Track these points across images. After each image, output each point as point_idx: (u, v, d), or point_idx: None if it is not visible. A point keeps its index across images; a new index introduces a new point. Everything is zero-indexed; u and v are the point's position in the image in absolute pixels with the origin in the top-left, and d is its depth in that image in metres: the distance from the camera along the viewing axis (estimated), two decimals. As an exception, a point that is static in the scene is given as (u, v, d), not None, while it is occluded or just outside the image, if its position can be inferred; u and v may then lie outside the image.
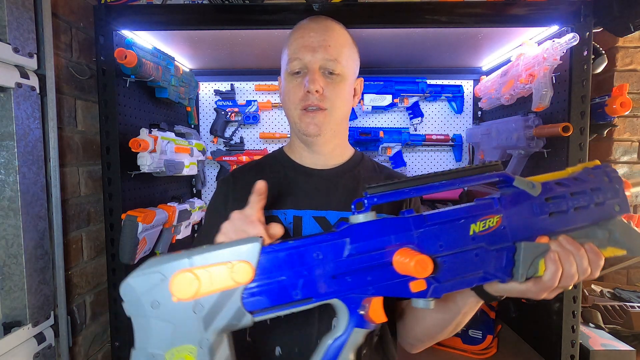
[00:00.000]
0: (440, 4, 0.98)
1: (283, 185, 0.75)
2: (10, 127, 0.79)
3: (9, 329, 0.79)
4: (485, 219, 0.47)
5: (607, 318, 1.22)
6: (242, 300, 0.41)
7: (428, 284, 0.45)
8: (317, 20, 0.74)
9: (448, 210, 0.47)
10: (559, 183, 0.49)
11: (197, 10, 1.00)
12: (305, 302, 0.43)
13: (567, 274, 0.47)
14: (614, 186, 0.49)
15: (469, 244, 0.47)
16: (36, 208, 0.85)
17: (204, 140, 1.61)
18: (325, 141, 0.74)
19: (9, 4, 0.78)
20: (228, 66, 1.51)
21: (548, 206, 0.48)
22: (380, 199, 0.45)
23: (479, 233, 0.47)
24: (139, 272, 0.39)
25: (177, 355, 0.39)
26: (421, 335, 0.71)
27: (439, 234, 0.46)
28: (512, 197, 0.48)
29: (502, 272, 0.48)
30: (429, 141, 1.58)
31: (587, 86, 0.97)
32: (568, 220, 0.49)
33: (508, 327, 1.32)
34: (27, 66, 0.83)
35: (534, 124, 1.11)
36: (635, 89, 1.44)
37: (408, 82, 1.55)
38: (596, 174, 0.49)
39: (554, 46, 0.96)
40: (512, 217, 0.48)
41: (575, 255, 0.47)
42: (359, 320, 0.45)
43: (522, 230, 0.48)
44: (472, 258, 0.47)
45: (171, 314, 0.39)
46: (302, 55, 0.70)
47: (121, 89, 1.05)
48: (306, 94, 0.69)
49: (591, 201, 0.49)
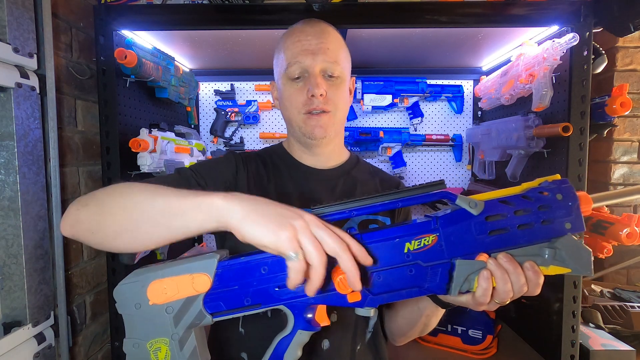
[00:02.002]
0: (440, 4, 0.98)
1: (287, 182, 0.76)
2: (10, 127, 0.79)
3: (9, 329, 0.79)
4: (420, 237, 0.50)
5: (607, 318, 1.22)
6: (203, 304, 0.50)
7: (363, 295, 0.50)
8: (312, 23, 0.74)
9: (385, 229, 0.51)
10: (505, 201, 0.49)
11: (197, 10, 1.00)
12: (255, 307, 0.51)
13: (500, 291, 0.49)
14: (566, 204, 0.48)
15: (404, 261, 0.50)
16: (36, 208, 0.85)
17: (204, 140, 1.61)
18: (328, 142, 0.76)
19: (9, 4, 0.78)
20: (228, 66, 1.51)
21: (488, 225, 0.49)
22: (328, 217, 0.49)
23: (413, 251, 0.50)
24: (127, 280, 0.50)
25: (155, 345, 0.50)
26: (396, 331, 0.77)
27: (375, 252, 0.50)
28: (450, 217, 0.50)
29: (437, 287, 0.50)
30: (429, 141, 1.58)
31: (587, 86, 0.97)
32: (510, 238, 0.49)
33: (508, 327, 1.32)
34: (27, 66, 0.83)
35: (534, 124, 1.11)
36: (635, 89, 1.44)
37: (408, 82, 1.55)
38: (550, 190, 0.49)
39: (554, 46, 0.96)
40: (450, 235, 0.50)
41: (510, 274, 0.48)
42: (303, 324, 0.51)
43: (461, 248, 0.49)
44: (407, 274, 0.50)
45: (149, 313, 0.49)
46: (302, 59, 0.70)
47: (121, 89, 1.05)
48: (310, 98, 0.70)
49: (537, 220, 0.48)
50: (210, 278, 0.49)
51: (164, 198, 0.47)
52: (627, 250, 1.36)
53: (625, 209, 1.47)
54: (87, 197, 0.53)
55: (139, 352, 0.50)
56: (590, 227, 1.03)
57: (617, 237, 0.95)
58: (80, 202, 0.53)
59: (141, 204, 0.48)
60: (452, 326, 1.19)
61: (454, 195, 0.49)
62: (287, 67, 0.72)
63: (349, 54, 0.78)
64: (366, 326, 0.74)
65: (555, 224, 0.48)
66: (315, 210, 0.50)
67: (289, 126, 0.78)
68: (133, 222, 0.48)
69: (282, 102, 0.77)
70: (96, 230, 0.51)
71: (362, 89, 1.55)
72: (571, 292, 1.00)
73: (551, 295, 1.05)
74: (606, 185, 1.47)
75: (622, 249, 1.24)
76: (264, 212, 0.45)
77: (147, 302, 0.49)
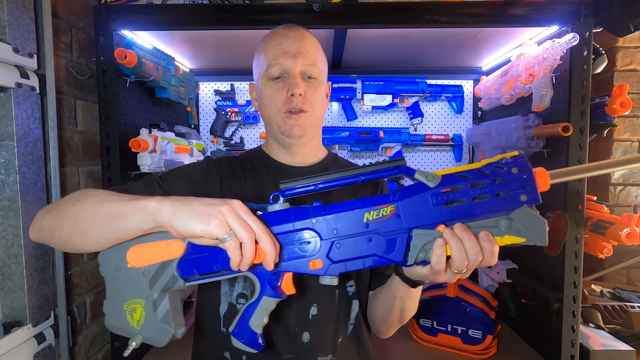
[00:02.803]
0: (440, 4, 0.98)
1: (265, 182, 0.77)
2: (10, 127, 0.79)
3: (9, 329, 0.79)
4: (379, 208, 0.52)
5: (607, 318, 1.22)
6: (177, 269, 0.53)
7: (324, 263, 0.53)
8: (291, 27, 0.78)
9: (345, 202, 0.54)
10: (462, 175, 0.51)
11: (197, 10, 1.00)
12: (224, 274, 0.54)
13: (455, 259, 0.51)
14: (521, 177, 0.50)
15: (363, 231, 0.53)
16: (36, 208, 0.85)
17: (204, 140, 1.61)
18: (306, 142, 0.79)
19: (9, 4, 0.78)
20: (228, 66, 1.51)
21: (445, 196, 0.51)
22: (293, 191, 0.53)
23: (372, 221, 0.53)
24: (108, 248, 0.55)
25: (131, 306, 0.54)
26: (377, 320, 0.78)
27: (336, 221, 0.53)
28: (408, 189, 0.53)
29: (395, 256, 0.53)
30: (429, 141, 1.58)
31: (587, 86, 0.97)
32: (467, 210, 0.51)
33: (508, 327, 1.32)
34: (27, 66, 0.83)
35: (534, 124, 1.11)
36: (635, 89, 1.44)
37: (408, 82, 1.55)
38: (506, 165, 0.50)
39: (554, 46, 0.97)
40: (408, 206, 0.52)
41: (465, 242, 0.50)
42: (268, 291, 0.55)
43: (419, 218, 0.52)
44: (366, 242, 0.53)
45: (127, 275, 0.54)
46: (282, 60, 0.74)
47: (121, 89, 1.05)
48: (289, 97, 0.73)
49: (493, 192, 0.50)
50: (184, 244, 0.53)
51: (110, 204, 0.53)
52: (627, 250, 1.37)
53: (625, 209, 1.47)
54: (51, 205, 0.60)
55: (116, 312, 0.54)
56: (590, 227, 1.03)
57: (617, 237, 0.95)
58: (44, 210, 0.60)
59: (90, 210, 0.54)
60: (452, 326, 1.19)
61: (413, 170, 0.52)
62: (267, 67, 0.75)
63: (325, 59, 0.81)
64: (348, 318, 0.76)
65: (511, 196, 0.50)
66: (284, 184, 0.53)
67: (268, 125, 0.80)
68: (83, 226, 0.53)
69: (261, 102, 0.79)
70: (55, 232, 0.57)
71: (362, 89, 1.55)
72: (571, 292, 1.00)
73: (551, 295, 1.05)
74: (606, 185, 1.47)
75: (622, 249, 1.24)
76: (193, 206, 0.49)
77: (126, 265, 0.53)
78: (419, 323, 1.24)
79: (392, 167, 0.52)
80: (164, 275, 0.53)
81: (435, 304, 1.21)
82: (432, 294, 1.24)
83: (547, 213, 1.05)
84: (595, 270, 1.44)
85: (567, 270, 1.00)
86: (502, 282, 1.25)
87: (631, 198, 1.47)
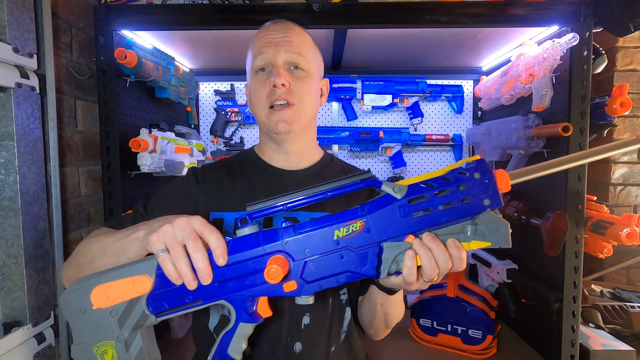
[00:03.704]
0: (440, 4, 0.98)
1: (253, 186, 0.75)
2: (10, 127, 0.79)
3: (9, 329, 0.79)
4: (348, 224, 0.52)
5: (607, 318, 1.22)
6: (146, 305, 0.52)
7: (299, 284, 0.53)
8: (278, 21, 0.76)
9: (314, 221, 0.54)
10: (427, 184, 0.52)
11: (197, 10, 1.00)
12: (197, 304, 0.53)
13: (426, 268, 0.51)
14: (483, 181, 0.50)
15: (334, 248, 0.53)
16: (36, 208, 0.85)
17: (204, 140, 1.61)
18: (295, 138, 0.75)
19: (9, 4, 0.78)
20: (228, 66, 1.51)
21: (412, 207, 0.51)
22: (260, 213, 0.53)
23: (342, 238, 0.52)
24: (72, 287, 0.52)
25: (101, 348, 0.52)
26: (365, 325, 0.77)
27: (306, 241, 0.53)
28: (376, 202, 0.53)
29: (368, 270, 0.53)
30: (429, 141, 1.58)
31: (587, 86, 0.97)
32: (434, 218, 0.51)
33: (508, 327, 1.32)
34: (27, 66, 0.83)
35: (534, 124, 1.11)
36: (635, 89, 1.44)
37: (408, 82, 1.55)
38: (469, 170, 0.51)
39: (554, 46, 0.96)
40: (377, 220, 0.52)
41: (434, 251, 0.50)
42: (244, 316, 0.54)
43: (388, 231, 0.52)
44: (338, 260, 0.53)
45: (94, 318, 0.52)
46: (265, 50, 0.71)
47: (121, 89, 1.05)
48: (272, 89, 0.70)
49: (457, 199, 0.50)
50: (151, 279, 0.51)
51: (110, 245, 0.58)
52: (627, 250, 1.37)
53: (625, 209, 1.47)
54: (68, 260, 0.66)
55: (86, 357, 0.52)
56: (590, 227, 1.03)
57: (617, 237, 0.95)
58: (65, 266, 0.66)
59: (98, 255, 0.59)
60: (452, 326, 1.19)
61: (379, 182, 0.52)
62: (252, 60, 0.73)
63: (319, 54, 0.78)
64: (341, 327, 0.74)
65: (475, 202, 0.50)
66: (250, 207, 0.53)
67: (258, 122, 0.78)
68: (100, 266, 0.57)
69: (250, 99, 0.77)
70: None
71: (362, 89, 1.55)
72: (571, 292, 1.00)
73: (551, 295, 1.05)
74: (606, 185, 1.47)
75: (622, 249, 1.24)
76: (151, 225, 0.53)
77: (92, 307, 0.51)
78: (419, 323, 1.24)
79: (359, 180, 0.52)
80: (133, 313, 0.52)
81: (435, 304, 1.21)
82: (432, 294, 1.24)
83: (547, 213, 1.05)
84: (595, 270, 1.44)
85: (567, 270, 1.00)
86: (502, 282, 1.25)
87: (631, 198, 1.47)
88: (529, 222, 1.13)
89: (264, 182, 0.76)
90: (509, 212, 1.23)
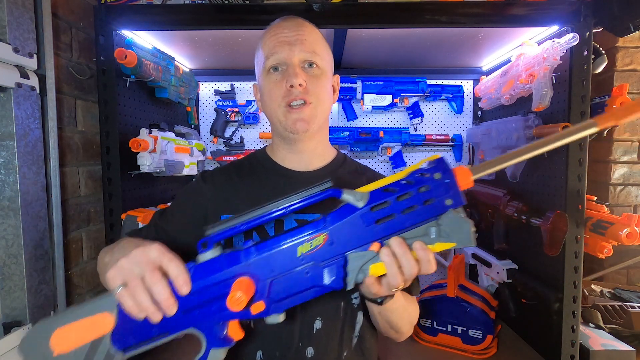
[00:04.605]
0: (440, 4, 0.98)
1: (264, 188, 0.74)
2: (10, 127, 0.79)
3: (9, 329, 0.79)
4: (311, 239, 0.51)
5: (607, 318, 1.22)
6: (111, 342, 0.49)
7: (267, 304, 0.51)
8: (288, 18, 0.74)
9: (277, 237, 0.52)
10: (388, 189, 0.50)
11: (197, 10, 1.00)
12: (164, 336, 0.51)
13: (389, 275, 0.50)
14: (444, 182, 0.49)
15: (298, 265, 0.51)
16: (36, 208, 0.85)
17: (204, 140, 1.61)
18: (311, 137, 0.74)
19: (9, 4, 0.78)
20: (228, 66, 1.51)
21: (374, 214, 0.50)
22: (221, 235, 0.52)
23: (306, 253, 0.51)
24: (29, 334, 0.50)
25: None
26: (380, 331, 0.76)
27: (269, 261, 0.51)
28: (338, 213, 0.51)
29: (335, 283, 0.51)
30: (429, 141, 1.58)
31: (587, 86, 0.97)
32: (397, 223, 0.50)
33: (508, 327, 1.32)
34: (27, 66, 0.83)
35: (534, 124, 1.11)
36: (635, 89, 1.44)
37: (408, 82, 1.55)
38: (429, 171, 0.50)
39: (554, 46, 0.96)
40: (339, 231, 0.51)
41: (400, 257, 0.50)
42: (215, 342, 0.52)
43: (352, 241, 0.51)
44: (304, 276, 0.51)
45: None
46: (279, 50, 0.69)
47: (121, 89, 1.05)
48: (289, 89, 0.69)
49: (419, 201, 0.49)
50: (113, 315, 0.49)
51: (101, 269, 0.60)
52: (627, 250, 1.37)
53: (625, 209, 1.47)
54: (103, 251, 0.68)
55: None
56: (590, 227, 1.03)
57: (617, 237, 0.95)
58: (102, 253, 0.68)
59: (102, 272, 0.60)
60: (452, 326, 1.19)
61: (339, 191, 0.51)
62: (265, 60, 0.71)
63: (329, 51, 0.77)
64: (353, 331, 0.72)
65: (437, 203, 0.49)
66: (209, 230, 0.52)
67: (271, 124, 0.76)
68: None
69: (262, 100, 0.76)
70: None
71: (362, 89, 1.55)
72: (571, 292, 1.00)
73: (551, 295, 1.05)
74: (606, 185, 1.47)
75: (622, 249, 1.24)
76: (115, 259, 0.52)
77: (52, 355, 0.48)
78: (419, 323, 1.24)
79: (318, 192, 0.51)
80: (97, 354, 0.49)
81: (435, 304, 1.21)
82: (432, 294, 1.24)
83: (547, 213, 1.05)
84: (595, 270, 1.44)
85: (567, 270, 1.00)
86: (502, 282, 1.25)
87: (631, 198, 1.47)
88: (529, 222, 1.13)
89: (274, 183, 0.75)
90: (509, 212, 1.23)
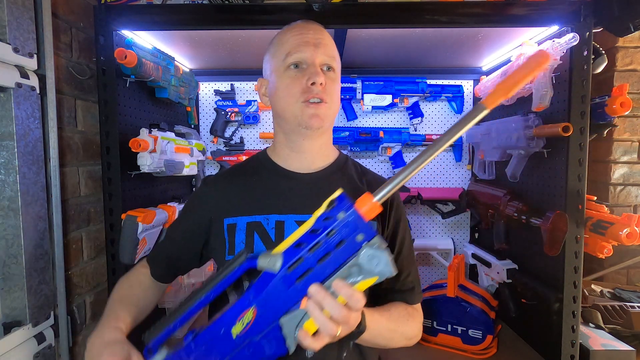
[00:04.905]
0: (440, 4, 0.98)
1: (265, 190, 0.75)
2: (10, 127, 0.79)
3: (9, 329, 0.79)
4: (242, 317, 0.52)
5: (607, 318, 1.22)
6: None
7: None
8: (310, 22, 0.77)
9: (210, 325, 0.54)
10: (299, 244, 0.50)
11: (197, 10, 1.00)
12: None
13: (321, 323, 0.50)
14: (348, 219, 0.48)
15: (237, 346, 0.52)
16: (36, 208, 0.85)
17: (204, 140, 1.61)
18: (320, 135, 0.75)
19: (9, 4, 0.78)
20: (228, 66, 1.51)
21: (292, 274, 0.50)
22: (160, 339, 0.55)
23: (241, 333, 0.52)
24: None
25: None
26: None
27: (209, 350, 0.53)
28: (258, 284, 0.52)
29: (278, 350, 0.52)
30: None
31: (587, 86, 0.97)
32: (317, 275, 0.50)
33: (508, 327, 1.32)
34: (27, 66, 0.83)
35: (534, 124, 1.11)
36: (635, 89, 1.44)
37: (408, 82, 1.55)
38: (332, 213, 0.49)
39: (554, 46, 0.96)
40: (266, 301, 0.51)
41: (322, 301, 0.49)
42: None
43: (281, 306, 0.51)
44: (246, 354, 0.53)
45: None
46: (303, 49, 0.72)
47: (121, 89, 1.05)
48: (309, 86, 0.71)
49: (331, 247, 0.49)
50: None
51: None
52: (627, 250, 1.37)
53: (625, 209, 1.47)
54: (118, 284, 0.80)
55: None
56: (590, 227, 1.03)
57: (617, 237, 0.95)
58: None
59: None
60: (452, 326, 1.19)
61: (254, 262, 0.52)
62: (286, 56, 0.73)
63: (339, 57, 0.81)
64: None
65: (349, 242, 0.48)
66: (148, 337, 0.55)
67: (281, 119, 0.76)
68: None
69: (275, 94, 0.76)
70: None
71: (362, 89, 1.55)
72: (571, 292, 1.00)
73: (551, 295, 1.05)
74: (606, 185, 1.47)
75: (622, 249, 1.24)
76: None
77: None
78: (419, 323, 1.24)
79: (236, 268, 0.52)
80: None
81: (435, 304, 1.21)
82: (432, 294, 1.24)
83: (547, 213, 1.05)
84: (595, 270, 1.44)
85: (567, 270, 1.00)
86: (502, 282, 1.25)
87: (631, 198, 1.47)
88: (529, 222, 1.13)
89: (276, 185, 0.76)
90: (509, 212, 1.23)
